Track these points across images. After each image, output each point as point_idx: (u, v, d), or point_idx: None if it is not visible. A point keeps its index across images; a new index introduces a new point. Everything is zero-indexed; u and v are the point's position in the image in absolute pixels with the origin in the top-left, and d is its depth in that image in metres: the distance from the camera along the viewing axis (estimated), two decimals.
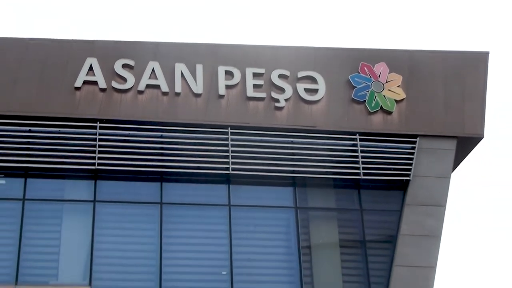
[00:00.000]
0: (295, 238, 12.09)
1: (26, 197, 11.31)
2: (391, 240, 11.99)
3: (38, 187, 11.65)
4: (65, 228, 11.57)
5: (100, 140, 11.45)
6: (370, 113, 12.24)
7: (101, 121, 11.46)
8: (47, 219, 11.64)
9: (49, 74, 11.77)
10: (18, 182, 11.51)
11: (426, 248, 11.75)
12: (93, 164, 11.27)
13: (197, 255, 11.82)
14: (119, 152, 11.50)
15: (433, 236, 11.80)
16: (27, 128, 11.40)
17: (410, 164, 12.14)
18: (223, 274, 11.49)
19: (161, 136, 11.94)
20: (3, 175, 11.70)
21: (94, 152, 11.35)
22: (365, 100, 12.23)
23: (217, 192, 12.13)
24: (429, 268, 11.64)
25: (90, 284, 10.85)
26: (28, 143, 11.57)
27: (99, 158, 11.34)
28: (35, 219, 11.34)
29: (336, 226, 12.48)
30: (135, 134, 11.72)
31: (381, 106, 12.24)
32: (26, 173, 11.45)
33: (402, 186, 12.18)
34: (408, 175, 12.05)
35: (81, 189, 11.77)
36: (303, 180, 12.34)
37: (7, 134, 11.24)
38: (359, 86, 12.23)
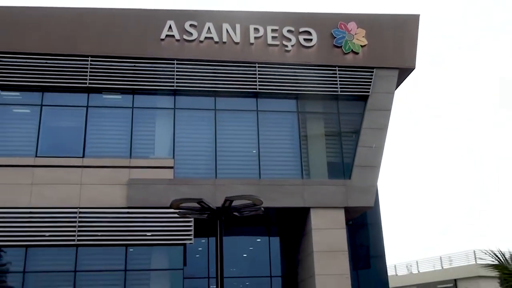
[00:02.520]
0: (297, 131, 17.25)
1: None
2: (357, 132, 16.88)
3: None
4: (158, 126, 16.98)
5: (178, 71, 16.51)
6: (345, 53, 17.21)
7: (177, 59, 16.54)
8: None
9: (146, 31, 16.58)
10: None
11: (379, 135, 16.67)
12: (172, 85, 16.36)
13: (236, 143, 17.00)
14: (192, 76, 16.50)
15: (382, 129, 16.79)
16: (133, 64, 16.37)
17: (369, 84, 17.09)
18: (253, 152, 16.83)
19: (214, 70, 16.82)
20: None
21: (172, 75, 16.38)
22: (342, 45, 17.23)
23: (249, 102, 17.13)
24: (380, 147, 16.60)
25: (173, 157, 16.10)
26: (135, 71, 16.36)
27: (177, 80, 16.33)
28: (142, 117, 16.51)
29: (323, 124, 17.66)
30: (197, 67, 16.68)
31: (352, 49, 17.24)
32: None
33: (364, 97, 17.16)
34: (368, 91, 17.10)
35: (166, 102, 16.88)
36: (304, 95, 17.30)
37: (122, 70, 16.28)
38: (338, 37, 17.21)
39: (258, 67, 16.97)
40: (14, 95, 16.53)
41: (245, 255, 18.05)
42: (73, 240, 14.65)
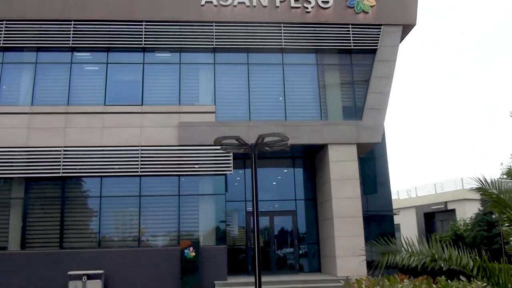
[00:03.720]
0: (316, 80, 18.10)
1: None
2: (367, 80, 17.54)
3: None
4: (201, 79, 17.94)
5: (216, 32, 17.46)
6: (356, 13, 17.67)
7: (216, 22, 17.42)
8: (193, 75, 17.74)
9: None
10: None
11: (386, 82, 17.35)
12: (211, 43, 17.34)
13: (265, 91, 17.84)
14: (228, 36, 17.29)
15: (388, 77, 17.38)
16: (179, 27, 17.30)
17: (378, 39, 17.63)
18: (280, 99, 17.77)
19: (246, 30, 17.54)
20: None
21: (212, 35, 17.33)
22: (354, 6, 17.68)
23: (276, 57, 17.90)
24: (386, 94, 17.35)
25: (214, 104, 17.29)
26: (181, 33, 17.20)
27: (216, 39, 17.16)
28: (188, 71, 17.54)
29: (338, 74, 18.32)
30: (232, 28, 17.42)
31: (363, 9, 17.67)
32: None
33: (373, 51, 17.66)
34: (376, 45, 17.64)
35: (207, 58, 17.74)
36: (322, 50, 18.04)
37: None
38: None
39: (283, 26, 17.65)
40: (86, 56, 17.72)
41: (274, 183, 19.32)
42: (137, 172, 16.22)
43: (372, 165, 19.68)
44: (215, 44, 17.43)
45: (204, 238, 16.26)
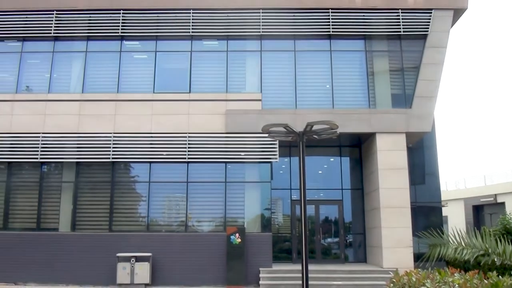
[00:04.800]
0: (365, 67, 17.71)
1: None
2: (417, 67, 17.04)
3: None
4: (248, 66, 17.95)
5: (263, 19, 17.34)
6: None
7: (262, 9, 17.31)
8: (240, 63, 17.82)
9: None
10: None
11: (436, 69, 16.82)
12: (258, 31, 17.27)
13: (312, 78, 17.59)
14: (275, 23, 17.22)
15: (439, 64, 16.87)
16: (226, 15, 17.30)
17: (428, 24, 17.10)
18: (327, 86, 17.53)
19: (294, 17, 17.34)
20: None
21: (259, 23, 17.19)
22: None
23: (323, 43, 17.80)
24: (436, 81, 16.83)
25: (261, 91, 17.26)
26: (228, 21, 17.25)
27: (263, 26, 17.15)
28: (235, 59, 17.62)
29: (387, 61, 17.86)
30: (279, 14, 17.42)
31: None
32: None
33: (423, 36, 17.17)
34: (427, 30, 17.10)
35: (254, 45, 17.75)
36: (370, 36, 17.68)
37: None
38: None
39: (331, 12, 17.43)
40: (135, 44, 18.09)
41: (320, 172, 19.20)
42: (184, 158, 16.50)
43: (420, 155, 19.16)
44: (262, 31, 17.39)
45: (249, 225, 16.40)
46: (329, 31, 17.41)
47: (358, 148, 18.90)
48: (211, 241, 16.00)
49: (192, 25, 17.47)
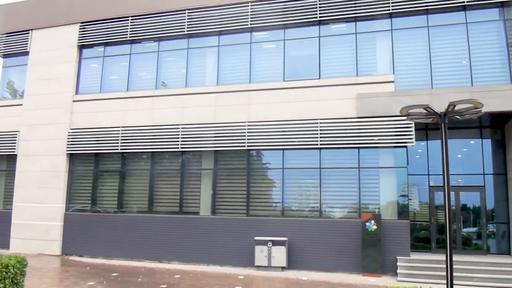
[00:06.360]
0: (504, 38, 16.10)
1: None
2: None
3: None
4: (378, 47, 17.43)
5: None
6: None
7: None
8: (369, 44, 17.28)
9: None
10: None
11: None
12: (388, 8, 16.73)
13: (447, 55, 16.33)
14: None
15: None
16: None
17: None
18: (464, 62, 16.16)
19: None
20: None
21: (388, 2, 16.84)
22: None
23: (457, 16, 16.38)
24: None
25: (393, 72, 16.43)
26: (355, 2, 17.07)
27: (392, 4, 16.56)
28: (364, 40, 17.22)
29: None
30: None
31: None
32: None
33: None
34: None
35: (383, 25, 17.28)
36: (508, 3, 16.04)
37: None
38: None
39: None
40: (263, 35, 18.50)
41: (459, 155, 18.01)
42: (317, 144, 16.62)
43: None
44: (391, 9, 16.78)
45: (385, 211, 16.02)
46: (464, 1, 16.20)
47: (500, 129, 17.46)
48: (345, 228, 15.95)
49: (319, 10, 17.45)
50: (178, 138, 18.21)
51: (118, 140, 19.21)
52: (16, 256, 8.88)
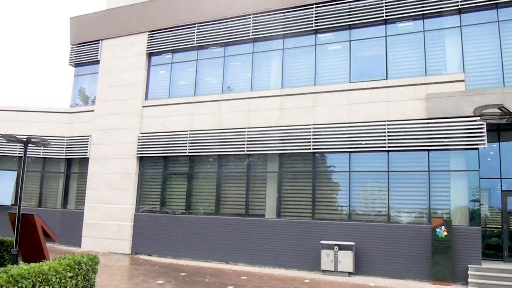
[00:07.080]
0: None
1: None
2: None
3: None
4: (447, 45, 16.82)
5: None
6: None
7: None
8: (438, 42, 16.77)
9: None
10: None
11: None
12: (457, 4, 16.17)
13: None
14: None
15: None
16: None
17: None
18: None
19: None
20: None
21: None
22: None
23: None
24: None
25: (463, 71, 15.81)
26: None
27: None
28: (432, 38, 16.80)
29: None
30: None
31: None
32: None
33: None
34: None
35: (452, 21, 16.50)
36: None
37: None
38: None
39: None
40: (328, 36, 18.38)
41: None
42: (384, 146, 16.23)
43: None
44: (460, 5, 16.14)
45: (455, 217, 15.40)
46: None
47: None
48: (413, 233, 15.49)
49: (385, 8, 17.12)
50: (244, 141, 18.48)
51: (186, 143, 19.75)
52: (88, 254, 9.23)
